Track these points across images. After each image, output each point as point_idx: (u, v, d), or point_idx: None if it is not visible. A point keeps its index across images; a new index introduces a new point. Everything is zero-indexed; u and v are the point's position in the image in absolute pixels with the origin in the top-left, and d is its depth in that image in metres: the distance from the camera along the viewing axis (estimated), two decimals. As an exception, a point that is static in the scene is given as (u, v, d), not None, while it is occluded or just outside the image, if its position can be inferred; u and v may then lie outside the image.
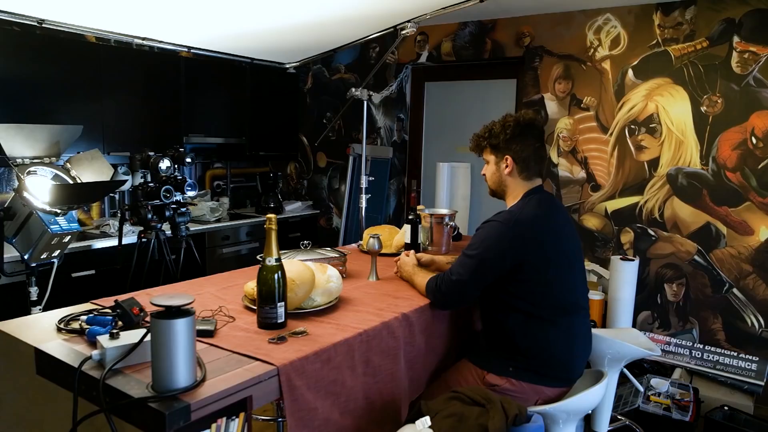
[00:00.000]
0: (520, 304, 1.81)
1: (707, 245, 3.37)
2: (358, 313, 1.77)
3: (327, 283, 1.78)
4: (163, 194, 2.80)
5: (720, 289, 3.35)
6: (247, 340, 1.49)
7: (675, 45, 3.37)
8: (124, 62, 3.61)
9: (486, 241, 1.79)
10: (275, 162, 5.25)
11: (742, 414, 2.97)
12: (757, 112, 3.17)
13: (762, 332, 3.24)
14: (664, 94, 3.42)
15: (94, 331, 1.40)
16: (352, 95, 3.43)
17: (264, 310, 1.56)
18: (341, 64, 4.80)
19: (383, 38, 4.46)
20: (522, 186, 1.92)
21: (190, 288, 1.99)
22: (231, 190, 4.86)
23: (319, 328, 1.61)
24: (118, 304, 1.49)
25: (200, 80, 4.09)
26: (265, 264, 1.56)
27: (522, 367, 1.83)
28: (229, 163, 4.80)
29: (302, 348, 1.44)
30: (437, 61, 4.34)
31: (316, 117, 5.01)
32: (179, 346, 1.16)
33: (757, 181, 3.19)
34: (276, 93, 4.76)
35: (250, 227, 4.37)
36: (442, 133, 4.59)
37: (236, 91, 4.40)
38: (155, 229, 2.89)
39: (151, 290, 1.94)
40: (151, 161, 2.80)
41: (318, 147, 5.03)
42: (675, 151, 3.42)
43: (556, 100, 3.81)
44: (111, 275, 3.31)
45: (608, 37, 3.57)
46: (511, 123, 1.88)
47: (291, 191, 5.27)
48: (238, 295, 1.89)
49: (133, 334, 1.35)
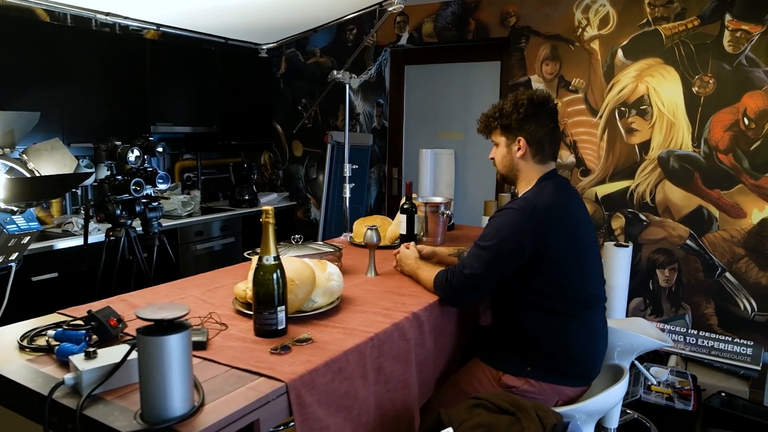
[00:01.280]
0: (538, 298, 1.67)
1: (699, 229, 3.30)
2: (365, 314, 1.59)
3: (328, 282, 1.60)
4: (133, 188, 2.57)
5: (712, 273, 3.29)
6: (245, 351, 1.30)
7: (665, 24, 3.27)
8: (82, 45, 3.31)
9: (502, 230, 1.63)
10: (248, 152, 5.01)
11: (740, 400, 2.92)
12: (750, 93, 3.10)
13: (755, 316, 3.20)
14: (654, 74, 3.33)
15: (65, 350, 1.19)
16: (334, 78, 3.23)
17: (262, 315, 1.37)
18: (316, 48, 4.58)
19: (360, 19, 4.26)
20: (536, 170, 1.77)
21: (170, 291, 1.78)
22: (202, 182, 4.60)
23: (324, 334, 1.43)
24: (92, 315, 1.28)
25: (167, 65, 3.82)
26: (263, 263, 1.37)
27: (541, 367, 1.69)
28: (199, 153, 4.54)
29: (310, 358, 1.27)
30: (418, 43, 4.16)
31: (291, 103, 4.78)
32: (173, 367, 0.97)
33: (750, 163, 3.13)
34: (248, 79, 4.51)
35: (224, 221, 4.14)
36: (423, 118, 4.42)
37: (206, 76, 4.14)
38: (125, 226, 2.65)
39: (127, 296, 1.73)
40: (118, 152, 2.55)
41: (294, 135, 4.80)
42: (666, 134, 3.34)
43: (544, 83, 3.68)
44: (76, 278, 3.04)
45: (597, 17, 3.46)
46: (524, 102, 1.73)
47: (266, 182, 5.03)
48: (227, 299, 1.70)
49: (113, 351, 1.15)
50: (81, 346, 1.18)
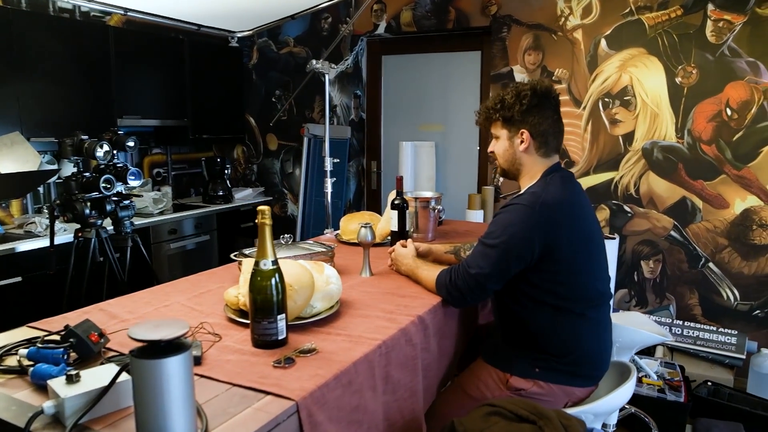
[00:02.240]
0: (547, 296, 1.59)
1: (683, 220, 3.30)
2: (367, 318, 1.49)
3: (327, 286, 1.49)
4: (103, 185, 2.39)
5: (696, 263, 3.30)
6: (245, 365, 1.18)
7: (648, 13, 3.24)
8: (40, 32, 3.09)
9: (510, 227, 1.55)
10: (220, 146, 4.82)
11: (726, 388, 2.93)
12: (732, 83, 3.10)
13: (737, 305, 3.22)
14: (638, 65, 3.30)
15: (42, 372, 1.05)
16: (313, 68, 3.10)
17: (261, 325, 1.26)
18: (290, 37, 4.41)
19: (336, 7, 4.13)
20: (539, 164, 1.68)
21: (152, 298, 1.64)
22: (173, 178, 4.40)
23: (328, 343, 1.32)
24: (70, 331, 1.14)
25: (133, 54, 3.61)
26: (260, 268, 1.25)
27: (550, 368, 1.62)
28: (169, 148, 4.33)
29: (318, 371, 1.16)
30: (396, 33, 4.05)
31: (264, 95, 4.61)
32: (173, 392, 0.84)
33: (732, 154, 3.14)
34: (218, 69, 4.32)
35: (198, 219, 3.96)
36: (402, 110, 4.32)
37: (174, 67, 3.94)
38: (95, 226, 2.48)
39: (105, 305, 1.58)
40: (85, 147, 2.37)
41: (268, 128, 4.64)
42: (650, 125, 3.32)
43: (526, 73, 3.62)
44: (42, 282, 2.83)
45: (579, 5, 3.41)
46: (527, 92, 1.64)
47: (239, 177, 4.86)
48: (216, 305, 1.57)
49: (97, 373, 1.02)
50: (61, 368, 1.04)
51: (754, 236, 3.13)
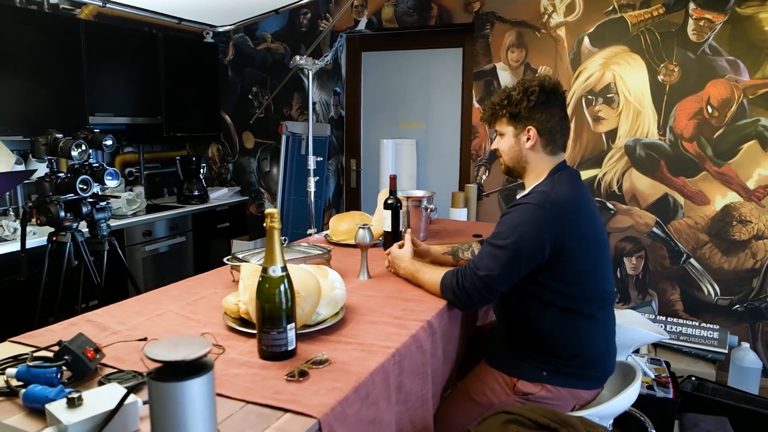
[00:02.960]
0: (555, 298, 1.56)
1: (665, 216, 3.34)
2: (375, 324, 1.43)
3: (332, 291, 1.42)
4: (80, 186, 2.26)
5: (678, 259, 3.34)
6: (255, 379, 1.11)
7: (631, 11, 3.26)
8: (6, 25, 2.91)
9: (520, 227, 1.50)
10: (194, 144, 4.67)
11: (710, 383, 2.97)
12: (713, 81, 3.14)
13: (717, 300, 3.27)
14: (621, 62, 3.32)
15: (36, 395, 0.95)
16: (296, 64, 3.01)
17: (270, 336, 1.18)
18: (267, 33, 4.30)
19: (315, 3, 4.04)
20: (546, 162, 1.65)
21: (142, 306, 1.54)
22: (145, 177, 4.24)
23: (339, 352, 1.25)
24: (65, 347, 1.05)
25: (105, 50, 3.45)
26: (269, 275, 1.18)
27: (558, 371, 1.58)
28: (141, 146, 4.17)
29: (335, 384, 1.09)
30: (377, 29, 3.99)
31: (241, 92, 4.49)
32: (196, 417, 0.77)
33: (713, 151, 3.18)
34: (193, 65, 4.18)
35: (173, 220, 3.83)
36: (382, 107, 4.26)
37: (148, 62, 3.79)
38: (70, 229, 2.35)
39: (92, 315, 1.48)
40: (60, 146, 2.24)
41: (244, 126, 4.52)
42: (633, 122, 3.34)
43: (510, 70, 3.61)
44: (12, 289, 2.67)
45: (563, 3, 3.40)
46: (536, 88, 1.60)
47: (214, 177, 4.72)
48: (213, 313, 1.48)
49: (99, 394, 0.93)
50: (59, 390, 0.95)
51: (734, 232, 3.18)
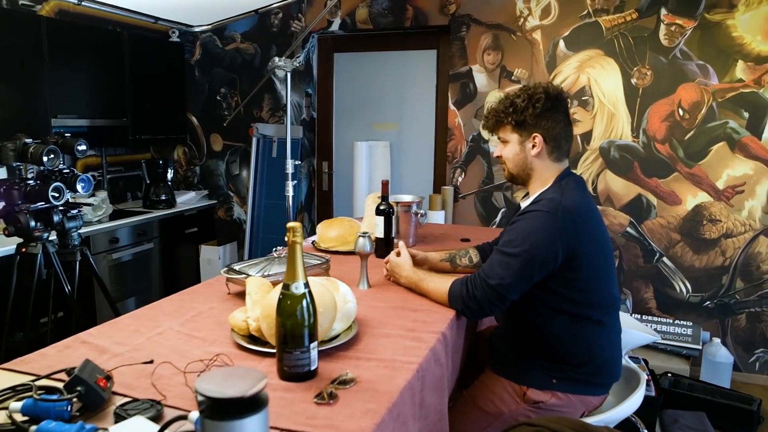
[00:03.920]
0: (565, 305, 1.55)
1: (639, 217, 3.41)
2: (390, 338, 1.38)
3: (345, 305, 1.37)
4: (52, 194, 2.12)
5: (651, 258, 3.42)
6: (283, 403, 1.04)
7: (605, 16, 3.32)
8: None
9: (532, 235, 1.49)
10: (158, 147, 4.50)
11: (686, 379, 3.05)
12: (684, 85, 3.23)
13: (689, 297, 3.37)
14: (595, 66, 3.37)
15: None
16: (275, 65, 2.93)
17: (293, 356, 1.12)
18: (236, 33, 4.18)
19: (287, 4, 3.95)
20: (552, 169, 1.64)
21: (139, 324, 1.45)
22: (108, 181, 4.05)
23: (362, 369, 1.20)
24: (77, 378, 0.96)
25: (68, 49, 3.27)
26: (291, 292, 1.12)
27: (567, 377, 1.58)
28: (103, 149, 3.98)
29: (369, 406, 1.04)
30: (351, 30, 3.93)
31: (208, 93, 4.35)
32: (251, 455, 0.71)
33: (684, 152, 3.27)
34: (158, 65, 4.02)
35: (140, 226, 3.66)
36: (355, 109, 4.21)
37: (112, 62, 3.61)
38: (40, 239, 2.20)
39: (85, 335, 1.37)
40: (30, 151, 2.09)
41: (212, 128, 4.38)
42: (607, 124, 3.40)
43: (486, 72, 3.61)
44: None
45: (538, 6, 3.43)
46: (541, 95, 1.59)
47: (180, 180, 4.56)
48: (215, 330, 1.40)
49: (126, 429, 0.85)
50: (78, 427, 0.86)
51: (705, 231, 3.28)
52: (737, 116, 3.14)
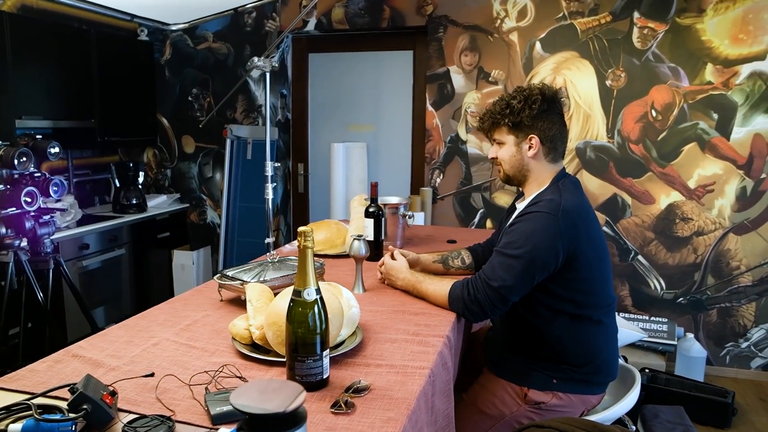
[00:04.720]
0: (566, 305, 1.56)
1: (615, 216, 3.48)
2: (395, 343, 1.36)
3: (349, 310, 1.33)
4: (24, 199, 2.02)
5: (627, 257, 3.49)
6: (298, 415, 1.00)
7: (580, 18, 3.37)
8: None
9: (533, 236, 1.48)
10: (127, 149, 4.35)
11: (662, 374, 3.12)
12: (656, 86, 3.30)
13: (663, 294, 3.45)
14: (571, 68, 3.42)
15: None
16: (254, 66, 2.85)
17: (305, 364, 1.08)
18: (208, 32, 4.08)
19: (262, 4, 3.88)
20: (548, 170, 1.64)
21: (132, 335, 1.38)
22: (75, 185, 3.90)
23: (373, 376, 1.17)
24: (81, 395, 0.90)
25: (31, 46, 3.12)
26: (303, 299, 1.08)
27: (567, 377, 1.58)
28: (69, 152, 3.83)
29: (388, 414, 1.01)
30: (327, 30, 3.88)
31: (179, 93, 4.23)
32: (290, 473, 0.67)
33: (657, 152, 3.35)
34: (127, 65, 3.89)
35: (111, 231, 3.54)
36: (330, 110, 4.16)
37: (79, 62, 3.47)
38: (12, 247, 2.09)
39: (76, 348, 1.30)
40: (0, 155, 1.98)
41: (184, 130, 4.27)
42: (583, 125, 3.45)
43: (463, 73, 3.62)
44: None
45: (515, 8, 3.46)
46: (537, 96, 1.58)
47: (150, 183, 4.42)
48: (214, 339, 1.35)
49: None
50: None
51: (677, 229, 3.37)
52: (707, 117, 3.23)
